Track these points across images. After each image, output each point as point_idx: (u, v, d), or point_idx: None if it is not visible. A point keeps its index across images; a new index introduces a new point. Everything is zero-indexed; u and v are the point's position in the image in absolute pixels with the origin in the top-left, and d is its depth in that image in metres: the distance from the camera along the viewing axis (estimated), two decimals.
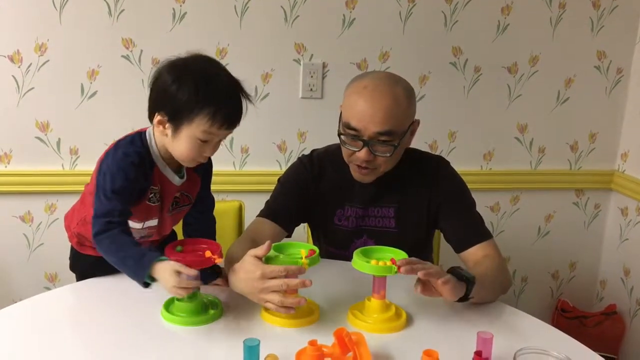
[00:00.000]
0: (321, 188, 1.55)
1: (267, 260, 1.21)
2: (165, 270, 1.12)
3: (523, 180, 2.32)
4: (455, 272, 1.25)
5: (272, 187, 2.03)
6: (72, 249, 1.44)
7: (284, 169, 2.07)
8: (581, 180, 2.37)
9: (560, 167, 2.35)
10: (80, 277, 1.42)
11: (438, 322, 1.26)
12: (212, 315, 1.24)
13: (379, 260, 1.21)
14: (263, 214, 1.54)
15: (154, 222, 1.35)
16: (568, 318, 2.39)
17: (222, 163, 2.03)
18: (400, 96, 1.39)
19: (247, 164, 2.11)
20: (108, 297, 1.33)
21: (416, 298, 1.28)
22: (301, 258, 1.21)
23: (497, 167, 2.28)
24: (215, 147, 1.26)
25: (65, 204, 1.98)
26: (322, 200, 1.55)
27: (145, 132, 1.29)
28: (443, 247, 1.73)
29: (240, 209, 1.86)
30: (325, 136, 1.69)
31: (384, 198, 1.53)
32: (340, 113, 1.44)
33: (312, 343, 1.06)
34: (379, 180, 1.49)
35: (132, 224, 1.29)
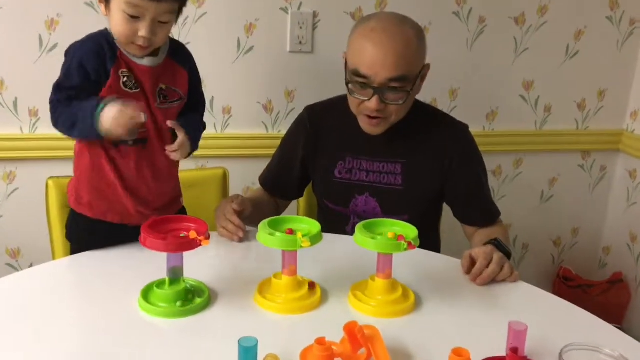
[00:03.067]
0: (322, 139, 1.50)
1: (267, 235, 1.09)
2: (109, 110, 1.12)
3: (527, 142, 2.23)
4: (498, 246, 1.27)
5: (257, 151, 1.98)
6: (70, 214, 1.34)
7: (271, 131, 2.00)
8: (588, 141, 2.28)
9: (566, 127, 2.26)
10: (76, 245, 1.34)
11: (450, 303, 1.14)
12: (198, 304, 1.09)
13: (383, 234, 1.09)
14: (261, 181, 1.62)
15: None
16: (571, 287, 2.33)
17: None
18: (411, 37, 1.32)
19: (230, 126, 1.96)
20: (85, 280, 1.20)
21: (424, 275, 1.22)
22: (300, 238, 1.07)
23: (501, 128, 2.18)
24: (151, 27, 1.16)
25: (26, 172, 1.84)
26: (323, 152, 1.50)
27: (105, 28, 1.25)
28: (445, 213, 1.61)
29: (224, 178, 1.69)
30: (316, 94, 1.62)
31: (391, 151, 1.45)
32: (346, 61, 1.38)
33: (320, 342, 0.91)
34: (387, 131, 1.42)
35: None
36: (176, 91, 1.29)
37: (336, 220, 1.52)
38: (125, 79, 1.21)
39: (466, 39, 2.05)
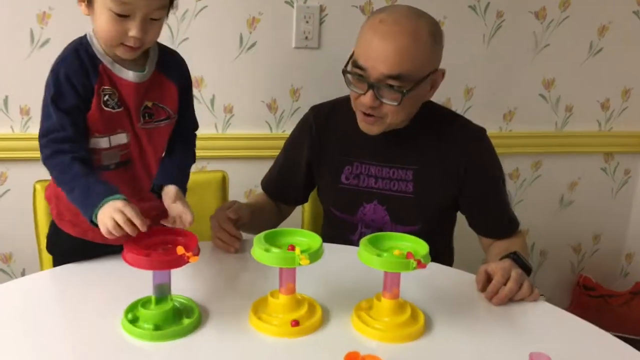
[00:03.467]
0: (328, 142, 1.42)
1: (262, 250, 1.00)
2: (108, 211, 0.98)
3: (546, 144, 2.13)
4: (517, 260, 1.20)
5: (261, 152, 1.89)
6: (52, 225, 1.26)
7: (275, 131, 1.91)
8: (611, 142, 2.19)
9: (588, 129, 2.16)
10: (57, 260, 1.25)
11: (463, 326, 1.05)
12: (187, 326, 1.00)
13: (390, 251, 1.00)
14: (263, 186, 1.54)
15: (122, 138, 1.14)
16: (591, 296, 2.23)
17: (203, 125, 1.70)
18: (423, 34, 1.23)
19: (232, 126, 1.87)
20: (65, 297, 1.12)
21: (435, 293, 1.15)
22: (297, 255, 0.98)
23: (518, 129, 2.09)
24: (142, 25, 1.06)
25: (17, 173, 1.76)
26: (329, 156, 1.42)
27: (84, 35, 1.14)
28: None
29: (223, 182, 1.61)
30: (323, 93, 1.55)
31: (401, 156, 1.36)
32: (354, 50, 1.29)
33: None
34: (398, 135, 1.34)
35: (97, 142, 1.12)
36: (164, 109, 1.17)
37: (343, 228, 1.43)
38: (106, 97, 1.10)
39: (483, 35, 1.96)
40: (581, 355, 0.98)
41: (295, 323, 0.99)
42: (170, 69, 1.17)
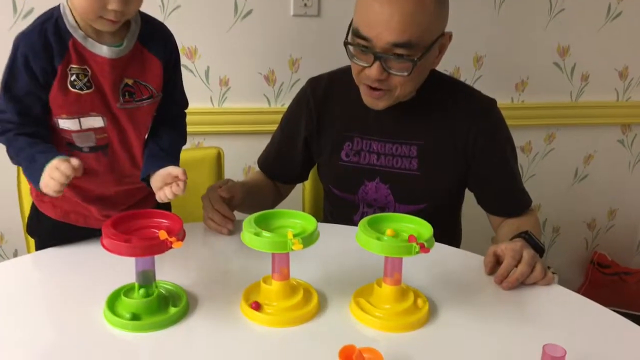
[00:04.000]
0: (327, 117, 1.35)
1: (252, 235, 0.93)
2: (47, 174, 0.95)
3: (561, 115, 2.06)
4: (529, 240, 1.14)
5: (258, 127, 1.80)
6: (33, 207, 1.20)
7: (273, 105, 1.84)
8: (629, 113, 2.12)
9: (605, 99, 2.09)
10: (40, 242, 1.19)
11: (471, 313, 0.98)
12: (173, 315, 0.94)
13: (390, 233, 0.93)
14: (260, 164, 1.47)
15: (97, 120, 1.06)
16: (606, 274, 2.18)
17: (197, 99, 1.73)
18: None
19: (228, 99, 1.81)
20: (44, 284, 1.05)
21: (439, 278, 1.07)
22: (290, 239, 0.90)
23: (531, 100, 2.01)
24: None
25: (3, 153, 1.67)
26: (328, 131, 1.35)
27: (57, 6, 1.05)
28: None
29: (218, 158, 1.54)
30: (323, 64, 1.47)
31: (405, 131, 1.29)
32: (352, 19, 1.21)
33: None
34: (401, 108, 1.26)
35: (65, 123, 1.04)
36: (146, 87, 1.08)
37: (344, 208, 1.36)
38: (73, 77, 1.02)
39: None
40: (598, 345, 0.90)
41: (256, 305, 0.94)
42: (154, 43, 1.08)
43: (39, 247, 1.17)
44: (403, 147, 1.28)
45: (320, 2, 1.76)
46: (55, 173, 0.92)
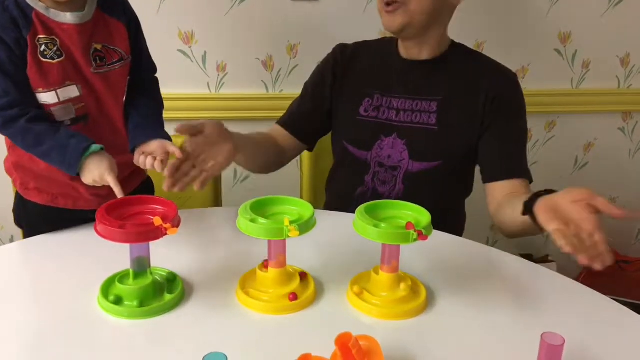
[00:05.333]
0: (349, 76, 1.37)
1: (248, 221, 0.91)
2: (95, 170, 1.01)
3: (561, 102, 2.02)
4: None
5: (257, 114, 1.79)
6: (17, 196, 1.19)
7: (271, 91, 1.83)
8: (630, 101, 2.08)
9: (606, 86, 2.05)
10: (27, 231, 1.19)
11: (469, 301, 0.97)
12: (169, 301, 0.93)
13: (388, 220, 0.93)
14: (280, 120, 1.43)
15: (73, 90, 1.07)
16: None
17: (194, 84, 1.72)
18: None
19: (225, 85, 1.78)
20: (34, 271, 1.04)
21: (438, 266, 1.06)
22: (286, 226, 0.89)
23: (532, 87, 1.97)
24: None
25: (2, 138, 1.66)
26: (349, 89, 1.36)
27: None
28: None
29: None
30: (322, 49, 1.43)
31: (426, 87, 1.30)
32: None
33: (306, 357, 0.74)
34: (424, 66, 1.30)
35: (43, 97, 1.05)
36: (115, 50, 1.10)
37: (355, 168, 1.35)
38: (42, 47, 1.02)
39: None
40: (597, 333, 0.89)
41: (294, 296, 0.93)
42: (114, 8, 1.11)
43: (27, 236, 1.16)
44: (423, 102, 1.29)
45: None
46: (96, 173, 1.00)
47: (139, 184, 1.24)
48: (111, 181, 0.99)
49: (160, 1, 1.62)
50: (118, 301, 0.91)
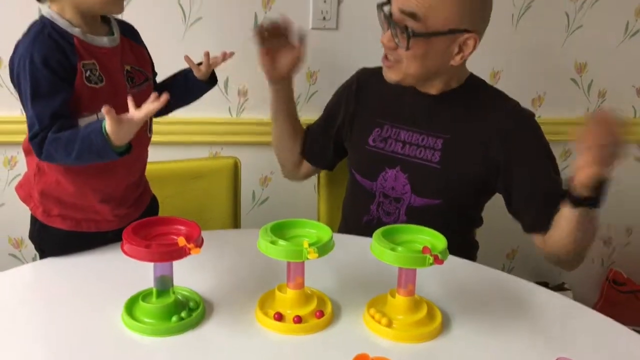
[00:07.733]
0: (364, 102, 1.39)
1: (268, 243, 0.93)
2: (125, 126, 0.98)
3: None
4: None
5: None
6: (36, 223, 1.19)
7: None
8: None
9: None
10: (49, 255, 1.18)
11: (485, 325, 0.98)
12: (190, 320, 0.95)
13: (405, 244, 0.95)
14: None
15: None
16: (621, 292, 2.11)
17: (215, 109, 1.74)
18: None
19: (246, 110, 1.80)
20: (58, 290, 1.05)
21: (453, 291, 1.07)
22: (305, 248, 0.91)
23: (548, 115, 1.96)
24: None
25: None
26: (363, 116, 1.38)
27: (40, 17, 1.07)
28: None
29: (235, 168, 1.54)
30: (341, 77, 1.46)
31: (435, 124, 1.29)
32: None
33: None
34: (435, 102, 1.29)
35: (86, 121, 1.07)
36: (141, 71, 1.16)
37: (362, 196, 1.36)
38: (88, 72, 1.05)
39: (511, 15, 1.85)
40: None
41: (320, 314, 0.94)
42: (132, 34, 1.18)
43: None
44: (429, 138, 1.28)
45: (339, 16, 1.75)
46: (126, 128, 0.98)
47: (149, 201, 1.28)
48: (142, 114, 0.97)
49: (185, 28, 1.67)
50: (141, 319, 0.93)
